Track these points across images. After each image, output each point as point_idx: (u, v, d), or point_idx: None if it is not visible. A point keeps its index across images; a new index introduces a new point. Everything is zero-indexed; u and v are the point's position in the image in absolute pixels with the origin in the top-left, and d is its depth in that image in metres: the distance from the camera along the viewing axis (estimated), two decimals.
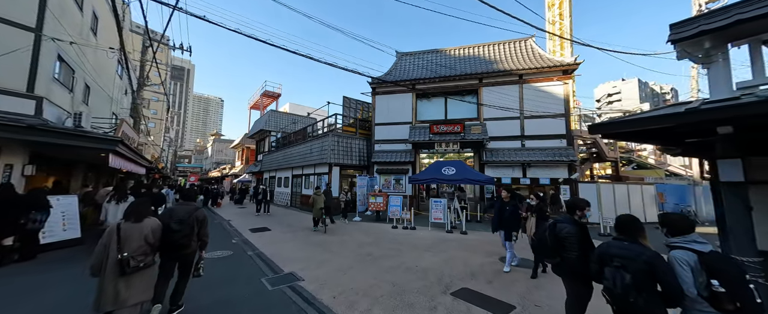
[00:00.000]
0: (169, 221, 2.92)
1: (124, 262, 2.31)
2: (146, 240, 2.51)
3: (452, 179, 9.94)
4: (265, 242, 7.33)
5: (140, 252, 2.45)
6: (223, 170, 34.85)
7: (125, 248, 2.37)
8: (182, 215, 3.01)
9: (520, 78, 12.26)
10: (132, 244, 2.42)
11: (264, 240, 7.61)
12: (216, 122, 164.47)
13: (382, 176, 13.57)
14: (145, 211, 2.65)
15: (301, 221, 10.94)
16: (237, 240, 7.56)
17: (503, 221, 4.98)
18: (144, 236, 2.50)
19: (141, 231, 2.51)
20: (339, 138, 13.41)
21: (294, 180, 16.78)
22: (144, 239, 2.49)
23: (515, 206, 4.96)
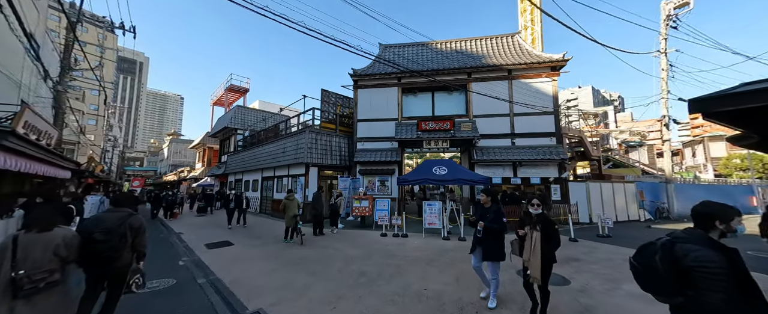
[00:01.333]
0: (93, 230, 2.53)
1: (18, 282, 1.97)
2: (56, 253, 2.16)
3: (444, 179, 9.07)
4: (224, 262, 5.75)
5: (45, 269, 2.09)
6: (180, 173, 31.05)
7: (23, 265, 2.03)
8: (111, 224, 2.62)
9: (509, 74, 11.85)
10: (34, 259, 2.07)
11: (223, 259, 6.02)
12: (175, 122, 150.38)
13: (366, 177, 12.36)
14: (52, 219, 2.30)
15: (272, 230, 9.33)
16: (186, 261, 5.88)
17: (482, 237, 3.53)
18: (52, 248, 2.15)
19: (48, 243, 2.16)
20: (317, 135, 11.96)
21: (264, 183, 14.89)
22: (52, 252, 2.15)
23: (497, 212, 3.50)
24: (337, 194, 9.26)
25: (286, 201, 7.83)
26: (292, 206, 7.73)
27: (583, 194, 10.74)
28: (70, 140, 18.03)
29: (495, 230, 3.50)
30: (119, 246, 2.60)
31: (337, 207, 9.25)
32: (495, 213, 3.56)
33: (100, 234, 2.52)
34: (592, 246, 6.98)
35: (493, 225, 3.49)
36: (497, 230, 3.50)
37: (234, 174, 18.63)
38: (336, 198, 9.21)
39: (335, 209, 9.05)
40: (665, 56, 13.49)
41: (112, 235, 2.56)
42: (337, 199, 9.24)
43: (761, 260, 5.97)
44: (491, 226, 3.49)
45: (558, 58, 11.19)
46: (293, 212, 7.65)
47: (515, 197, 9.73)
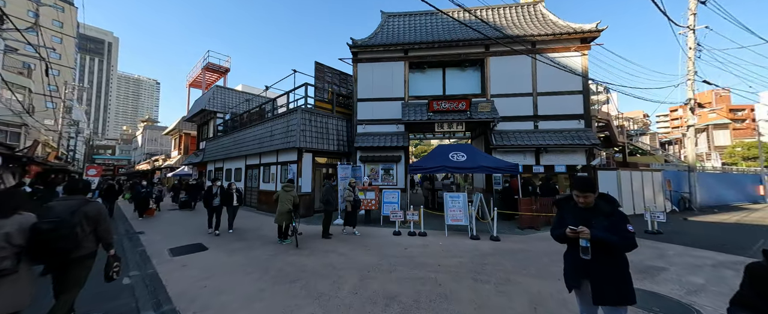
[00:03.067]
0: (41, 219, 2.30)
1: None
2: (9, 241, 2.04)
3: (463, 166, 7.66)
4: (190, 278, 4.11)
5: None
6: (155, 162, 28.27)
7: None
8: (61, 213, 2.46)
9: (532, 47, 10.37)
10: None
11: (190, 273, 4.37)
12: (151, 108, 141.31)
13: (368, 165, 10.77)
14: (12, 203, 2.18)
15: (258, 228, 7.67)
16: (136, 277, 4.19)
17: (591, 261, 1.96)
18: (5, 235, 2.04)
19: None
20: (311, 116, 10.16)
21: (248, 172, 13.01)
22: (5, 238, 2.03)
23: (616, 219, 2.00)
24: (351, 185, 7.19)
25: (282, 193, 6.20)
26: (285, 200, 6.11)
27: (613, 184, 9.67)
28: (12, 122, 15.24)
29: (619, 248, 1.94)
30: (73, 236, 2.45)
31: (359, 203, 7.26)
32: (615, 219, 1.98)
33: (47, 224, 2.31)
34: (654, 246, 5.79)
35: (615, 240, 1.92)
36: (621, 249, 1.96)
37: (213, 162, 16.53)
38: (353, 191, 7.10)
39: (357, 205, 7.11)
40: (693, 33, 12.40)
41: (62, 225, 2.39)
42: (353, 192, 7.12)
43: None
44: (613, 241, 1.92)
45: (590, 29, 9.79)
46: (287, 207, 6.04)
47: (551, 187, 8.48)
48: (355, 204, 6.93)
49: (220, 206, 7.08)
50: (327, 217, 6.70)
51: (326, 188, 6.84)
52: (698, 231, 7.35)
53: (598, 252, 1.96)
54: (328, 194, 6.72)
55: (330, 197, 6.69)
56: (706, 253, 5.24)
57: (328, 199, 6.66)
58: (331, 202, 6.71)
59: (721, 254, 5.18)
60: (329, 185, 6.91)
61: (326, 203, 6.68)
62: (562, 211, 2.29)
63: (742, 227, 8.10)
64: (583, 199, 2.11)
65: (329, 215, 6.73)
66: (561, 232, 2.14)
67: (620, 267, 1.98)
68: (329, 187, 6.84)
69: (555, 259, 4.81)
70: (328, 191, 6.76)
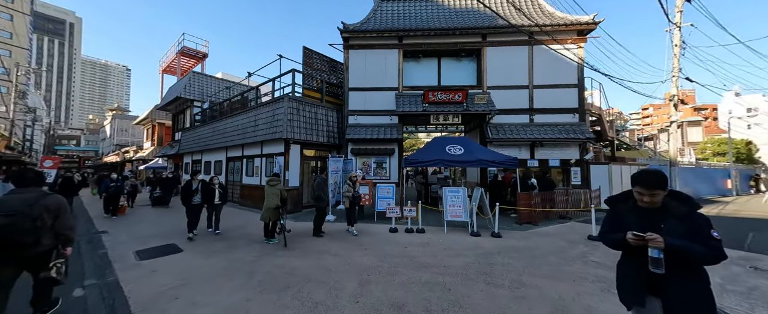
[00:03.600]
0: None
1: None
2: None
3: (462, 160, 7.34)
4: (162, 287, 3.50)
5: None
6: (125, 153, 26.21)
7: None
8: (17, 206, 2.33)
9: (529, 37, 10.11)
10: None
11: (162, 280, 3.74)
12: (121, 96, 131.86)
13: (359, 158, 10.25)
14: None
15: (242, 226, 7.03)
16: (92, 287, 3.53)
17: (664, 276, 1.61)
18: None
19: None
20: (299, 105, 9.44)
21: (230, 165, 12.13)
22: None
23: (697, 223, 1.65)
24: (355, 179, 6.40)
25: (267, 188, 5.60)
26: (272, 195, 5.52)
27: (604, 179, 9.76)
28: None
29: (702, 260, 1.59)
30: (31, 230, 2.33)
31: (358, 199, 6.54)
32: (695, 223, 1.63)
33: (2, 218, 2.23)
34: None
35: (698, 250, 1.55)
36: (705, 261, 1.60)
37: (191, 154, 15.36)
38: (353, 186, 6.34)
39: (356, 202, 6.46)
40: (679, 30, 12.66)
41: (18, 218, 2.28)
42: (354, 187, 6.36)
43: None
44: (696, 251, 1.56)
45: (587, 21, 9.65)
46: (274, 203, 5.46)
47: (550, 181, 8.36)
48: (354, 201, 6.37)
49: (201, 204, 6.07)
50: (319, 214, 6.18)
51: (317, 182, 6.28)
52: None
53: (673, 265, 1.61)
54: (320, 188, 6.18)
55: (321, 192, 6.16)
56: (731, 252, 5.22)
57: (319, 194, 6.13)
58: (323, 197, 6.18)
59: (734, 251, 5.15)
60: (321, 178, 6.36)
61: (317, 199, 6.15)
62: (616, 211, 1.93)
63: (725, 220, 8.39)
64: (649, 198, 1.74)
65: (322, 211, 6.21)
66: (618, 238, 1.78)
67: (702, 283, 1.63)
68: (321, 181, 6.29)
69: (564, 258, 4.59)
70: (319, 185, 6.22)
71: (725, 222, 8.06)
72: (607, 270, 4.04)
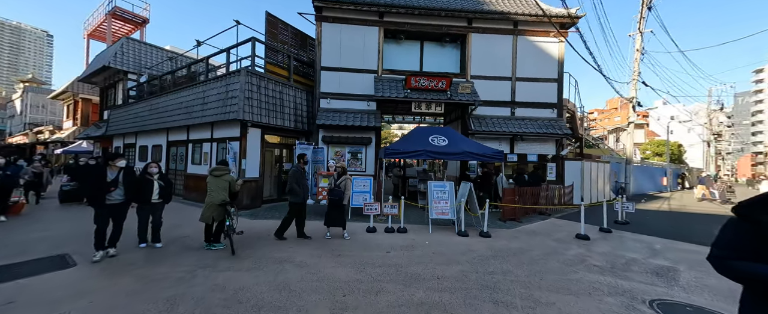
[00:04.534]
0: None
1: None
2: None
3: (446, 152, 6.72)
4: None
5: None
6: (38, 134, 21.46)
7: None
8: None
9: (514, 27, 9.76)
10: None
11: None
12: (39, 66, 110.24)
13: (332, 147, 9.13)
14: None
15: (178, 226, 5.58)
16: None
17: None
18: None
19: None
20: (260, 81, 7.95)
21: (172, 150, 10.14)
22: None
23: None
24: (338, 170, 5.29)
25: (211, 179, 4.32)
26: (216, 188, 4.26)
27: (577, 175, 9.93)
28: None
29: None
30: None
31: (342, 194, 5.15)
32: None
33: None
34: (638, 239, 5.68)
35: None
36: None
37: (122, 136, 12.74)
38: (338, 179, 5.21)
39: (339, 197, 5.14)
40: (641, 36, 13.45)
41: None
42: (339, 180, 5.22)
43: None
44: None
45: (570, 14, 9.53)
46: (219, 198, 4.21)
47: (538, 177, 8.12)
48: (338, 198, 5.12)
49: (124, 203, 3.98)
50: (292, 212, 4.99)
51: (293, 172, 5.02)
52: (651, 220, 7.78)
53: None
54: (296, 180, 4.94)
55: (296, 185, 4.94)
56: (687, 246, 5.24)
57: (293, 187, 4.92)
58: (298, 191, 4.96)
59: (699, 247, 5.20)
60: (297, 167, 5.11)
61: (292, 193, 4.95)
62: (758, 227, 1.21)
63: (678, 215, 9.00)
64: None
65: (296, 209, 4.99)
66: (757, 270, 1.10)
67: None
68: (297, 171, 5.04)
69: (563, 262, 4.12)
70: (295, 175, 4.97)
71: (681, 217, 8.62)
72: (614, 276, 3.64)
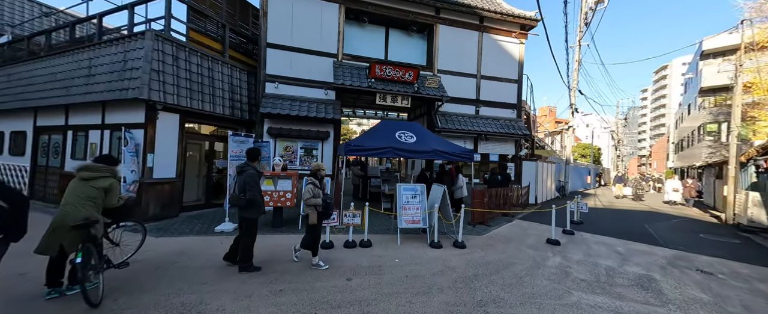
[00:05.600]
0: None
1: None
2: None
3: (414, 150, 6.00)
4: None
5: None
6: None
7: None
8: None
9: (480, 22, 9.54)
10: None
11: None
12: None
13: (281, 141, 7.62)
14: None
15: (25, 255, 3.56)
16: None
17: None
18: None
19: None
20: (178, 50, 6.00)
21: (42, 141, 7.29)
22: None
23: None
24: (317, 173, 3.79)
25: (74, 183, 2.71)
26: (79, 198, 2.65)
27: (532, 175, 10.25)
28: None
29: None
30: None
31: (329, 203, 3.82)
32: None
33: None
34: (601, 241, 5.72)
35: None
36: None
37: None
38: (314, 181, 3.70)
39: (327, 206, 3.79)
40: (579, 48, 14.86)
41: None
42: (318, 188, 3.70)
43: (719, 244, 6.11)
44: None
45: (530, 16, 9.69)
46: (77, 215, 2.60)
47: (507, 178, 7.87)
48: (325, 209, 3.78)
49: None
50: (254, 231, 3.57)
51: (247, 176, 3.51)
52: (596, 219, 8.23)
53: None
54: (252, 186, 3.47)
55: (256, 193, 3.49)
56: (640, 246, 5.42)
57: (256, 198, 3.48)
58: (259, 202, 3.54)
59: (649, 246, 5.42)
60: (253, 170, 3.59)
61: (254, 206, 3.49)
62: None
63: (613, 213, 9.91)
64: None
65: (253, 228, 3.56)
66: None
67: None
68: (252, 174, 3.54)
69: (551, 279, 3.64)
70: (249, 181, 3.49)
71: (620, 215, 9.49)
72: (607, 294, 3.26)
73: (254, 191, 3.47)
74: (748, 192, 7.00)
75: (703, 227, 7.51)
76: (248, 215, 3.52)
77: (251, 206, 3.48)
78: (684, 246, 5.53)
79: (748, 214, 6.87)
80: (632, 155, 76.62)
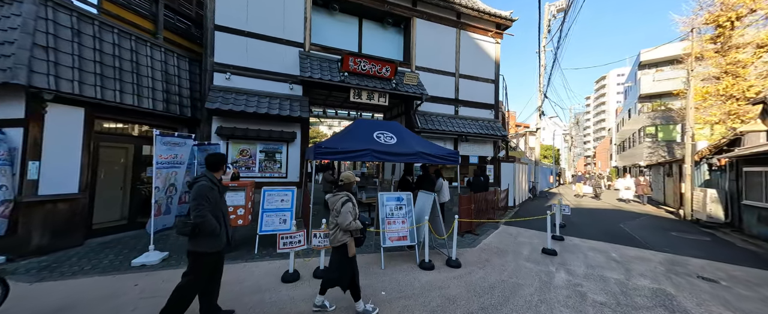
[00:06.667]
0: None
1: None
2: None
3: (397, 152, 5.26)
4: None
5: None
6: None
7: None
8: None
9: (458, 18, 9.16)
10: None
11: None
12: None
13: (234, 143, 6.30)
14: None
15: None
16: None
17: None
18: None
19: None
20: (81, 23, 4.49)
21: None
22: None
23: None
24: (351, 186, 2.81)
25: None
26: None
27: (510, 176, 10.10)
28: None
29: None
30: None
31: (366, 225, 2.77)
32: None
33: None
34: (596, 248, 5.43)
35: None
36: None
37: None
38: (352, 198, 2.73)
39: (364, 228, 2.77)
40: (544, 53, 15.52)
41: None
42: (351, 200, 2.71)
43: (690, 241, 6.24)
44: None
45: (505, 16, 9.58)
46: None
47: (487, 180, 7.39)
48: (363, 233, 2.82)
49: None
50: (201, 272, 2.48)
51: (196, 189, 2.42)
52: (575, 220, 8.17)
53: None
54: (207, 203, 2.41)
55: (211, 216, 2.40)
56: (635, 251, 5.21)
57: (208, 221, 2.38)
58: (216, 230, 2.44)
59: (644, 251, 5.25)
60: (206, 181, 2.46)
61: (203, 234, 2.39)
62: None
63: (586, 212, 10.11)
64: None
65: (213, 266, 2.54)
66: None
67: None
68: (202, 186, 2.43)
69: (567, 302, 3.04)
70: (204, 195, 2.41)
71: (598, 214, 9.67)
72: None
73: (202, 211, 2.34)
74: (706, 190, 7.43)
75: (668, 225, 7.85)
76: (196, 249, 2.40)
77: (200, 234, 2.35)
78: (668, 247, 5.49)
79: (707, 210, 7.27)
80: (579, 155, 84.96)
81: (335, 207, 2.72)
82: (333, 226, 2.76)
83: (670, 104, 20.76)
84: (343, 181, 2.88)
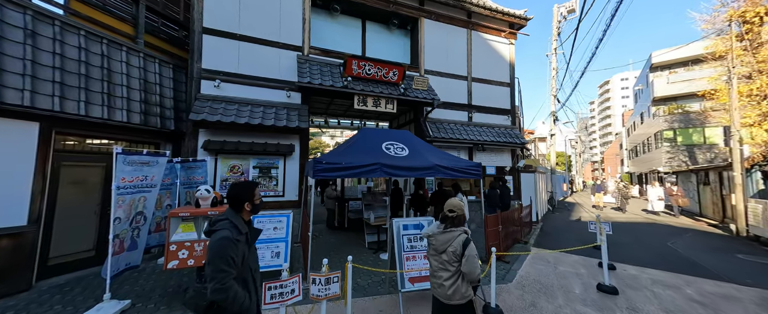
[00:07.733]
0: None
1: None
2: None
3: (411, 166, 4.44)
4: None
5: None
6: None
7: None
8: None
9: (468, 18, 8.49)
10: None
11: None
12: None
13: (223, 159, 5.52)
14: None
15: None
16: None
17: None
18: None
19: None
20: (33, 20, 3.81)
21: None
22: None
23: None
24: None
25: None
26: None
27: (531, 188, 9.16)
28: None
29: None
30: None
31: None
32: None
33: None
34: (659, 281, 4.45)
35: None
36: None
37: None
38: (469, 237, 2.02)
39: None
40: (555, 56, 14.82)
41: None
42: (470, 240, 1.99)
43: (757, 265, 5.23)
44: None
45: (519, 15, 8.90)
46: None
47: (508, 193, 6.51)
48: None
49: None
50: None
51: (214, 243, 1.56)
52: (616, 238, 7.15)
53: None
54: (217, 263, 1.49)
55: (227, 288, 1.50)
56: (718, 287, 4.23)
57: (228, 286, 1.51)
58: (242, 298, 1.57)
59: (729, 285, 4.27)
60: (227, 232, 1.58)
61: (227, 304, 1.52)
62: None
63: (622, 228, 9.07)
64: None
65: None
66: None
67: None
68: (225, 239, 1.55)
69: None
70: (215, 256, 1.52)
71: (632, 230, 8.64)
72: None
73: (225, 282, 1.49)
74: (766, 202, 6.44)
75: (722, 243, 6.81)
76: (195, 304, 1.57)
77: (222, 312, 1.55)
78: (748, 277, 4.49)
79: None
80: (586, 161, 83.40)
81: (450, 249, 1.98)
82: (449, 276, 2.01)
83: (687, 106, 19.79)
84: (454, 211, 2.10)
